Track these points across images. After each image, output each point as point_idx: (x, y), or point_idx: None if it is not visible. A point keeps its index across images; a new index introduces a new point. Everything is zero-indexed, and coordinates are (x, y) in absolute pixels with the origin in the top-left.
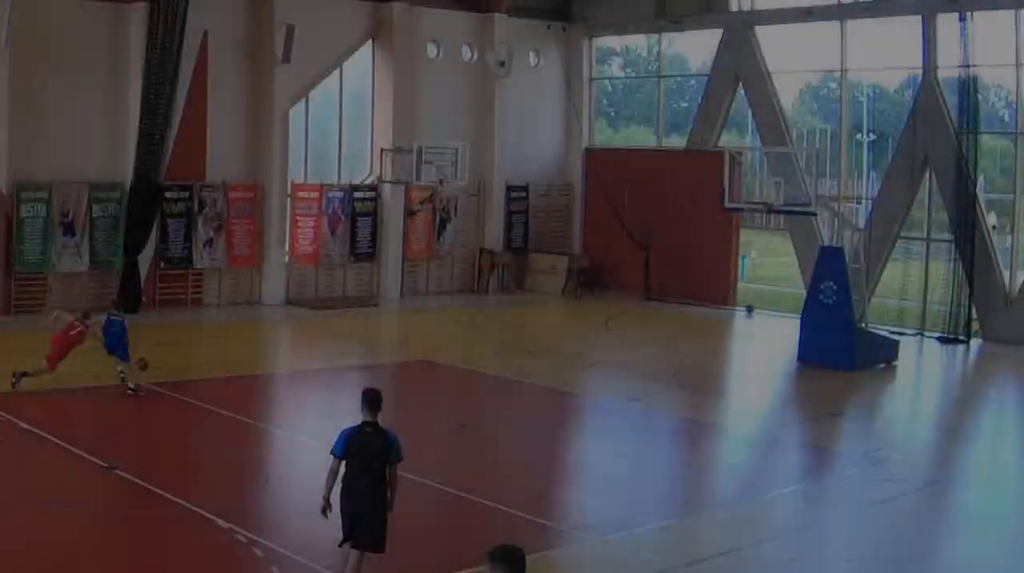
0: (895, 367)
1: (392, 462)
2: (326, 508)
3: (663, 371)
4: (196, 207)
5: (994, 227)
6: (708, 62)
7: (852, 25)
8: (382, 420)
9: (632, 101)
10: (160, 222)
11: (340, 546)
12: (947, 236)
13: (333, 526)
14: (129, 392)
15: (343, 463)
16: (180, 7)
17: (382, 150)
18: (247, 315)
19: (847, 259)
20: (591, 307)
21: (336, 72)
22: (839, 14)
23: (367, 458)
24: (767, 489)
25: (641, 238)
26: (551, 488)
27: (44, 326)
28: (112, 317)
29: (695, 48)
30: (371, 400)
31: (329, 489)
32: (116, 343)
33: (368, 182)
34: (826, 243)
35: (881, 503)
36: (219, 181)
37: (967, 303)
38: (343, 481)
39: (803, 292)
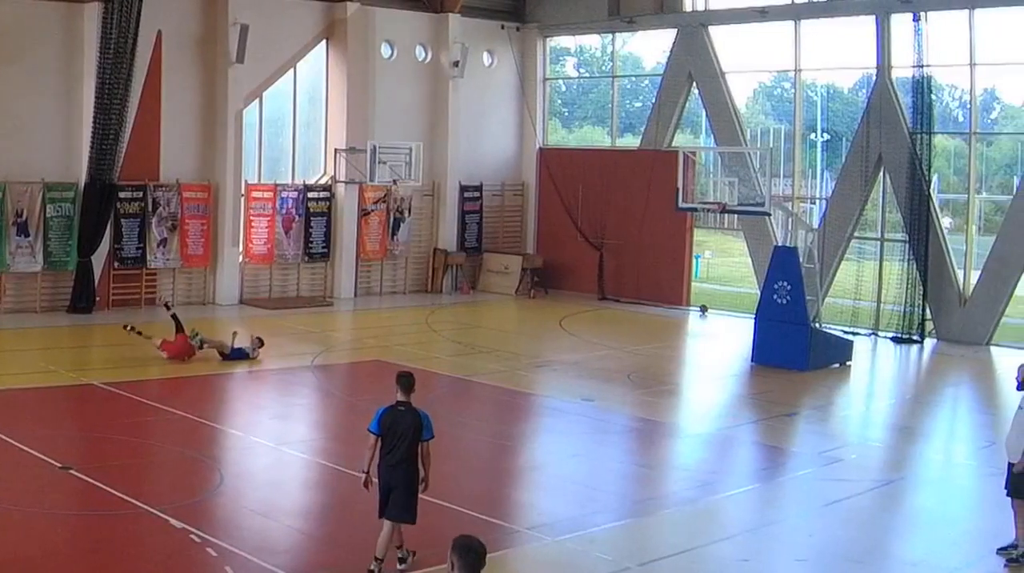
0: (849, 367)
1: (423, 440)
2: (367, 481)
3: (617, 371)
4: (150, 207)
5: (948, 229)
6: (662, 62)
7: (806, 25)
8: (334, 417)
9: (586, 101)
10: (114, 222)
11: (380, 517)
12: (901, 236)
13: (285, 526)
14: None
15: (380, 439)
16: (134, 7)
17: (336, 150)
18: (201, 315)
19: (801, 259)
20: (545, 307)
21: (290, 72)
22: (793, 14)
23: (398, 435)
24: (721, 489)
25: (595, 238)
26: (505, 488)
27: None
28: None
29: (649, 48)
30: (404, 382)
31: (368, 463)
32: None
33: (322, 182)
34: (780, 243)
35: (835, 503)
36: (173, 181)
37: (921, 303)
38: (380, 457)
39: (757, 292)
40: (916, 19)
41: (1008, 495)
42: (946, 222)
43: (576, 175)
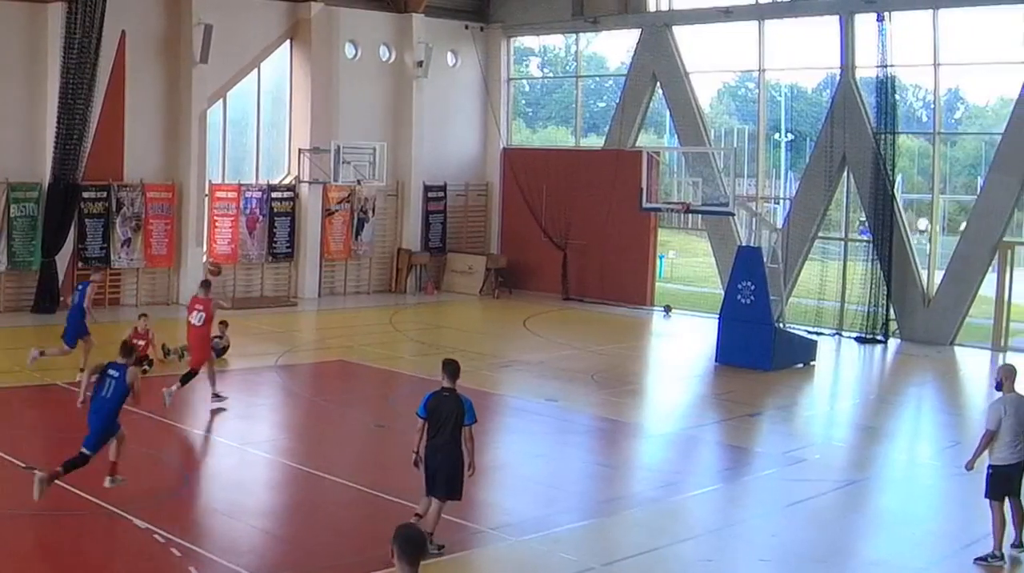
0: (813, 367)
1: (466, 425)
2: (417, 461)
3: (581, 371)
4: (114, 207)
5: (923, 231)
6: (626, 62)
7: (770, 25)
8: (299, 417)
9: (550, 101)
10: (78, 222)
11: (427, 495)
12: (865, 236)
13: (249, 526)
14: None
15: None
16: (98, 7)
17: (300, 150)
18: (164, 315)
19: (765, 259)
20: (509, 307)
21: (254, 72)
22: (756, 14)
23: (442, 419)
24: (685, 489)
25: (559, 238)
26: (469, 488)
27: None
28: None
29: (613, 48)
30: (450, 368)
31: (417, 445)
32: None
33: (286, 182)
34: (744, 243)
35: (798, 503)
36: (137, 181)
37: (885, 303)
38: (427, 439)
39: (721, 292)
40: (880, 19)
41: (987, 497)
42: (922, 223)
43: (540, 175)
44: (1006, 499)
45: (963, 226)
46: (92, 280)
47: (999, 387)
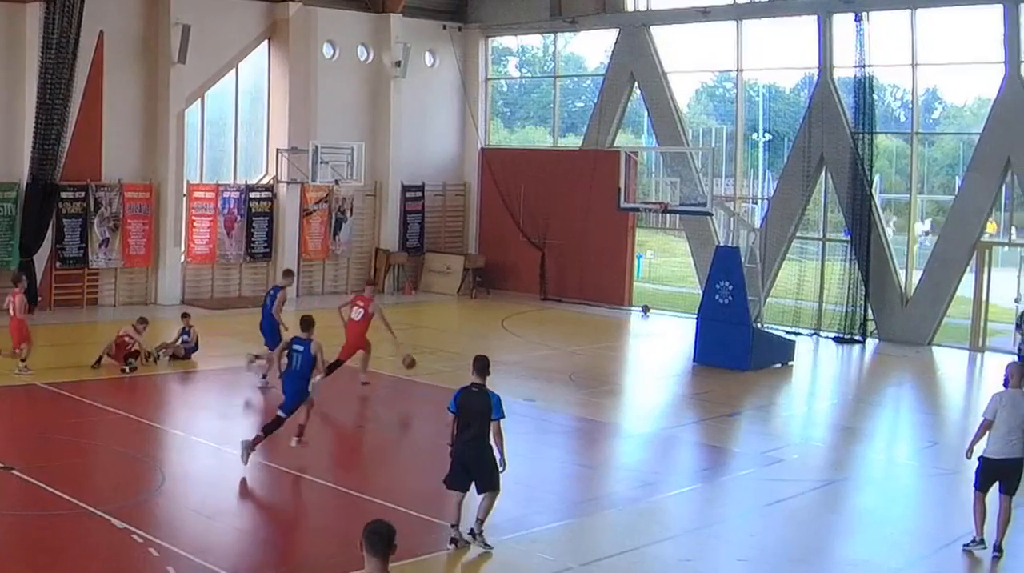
0: (791, 367)
1: (493, 419)
2: (452, 454)
3: (559, 371)
4: (92, 207)
5: (927, 233)
6: (604, 62)
7: (748, 25)
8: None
9: (528, 101)
10: (56, 222)
11: (448, 489)
12: (843, 236)
13: (227, 526)
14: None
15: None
16: (76, 7)
17: (278, 150)
18: (143, 314)
19: (743, 259)
20: (487, 307)
21: (232, 72)
22: (735, 14)
23: (471, 414)
24: (663, 489)
25: (537, 238)
26: (444, 488)
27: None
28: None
29: (591, 48)
30: (479, 365)
31: (452, 438)
32: None
33: (264, 182)
34: (722, 243)
35: (777, 503)
36: (115, 181)
37: (863, 303)
38: (458, 433)
39: (699, 292)
40: (858, 19)
41: (976, 487)
42: (926, 225)
43: (518, 175)
44: (996, 493)
45: (941, 226)
46: (282, 286)
47: (1006, 383)
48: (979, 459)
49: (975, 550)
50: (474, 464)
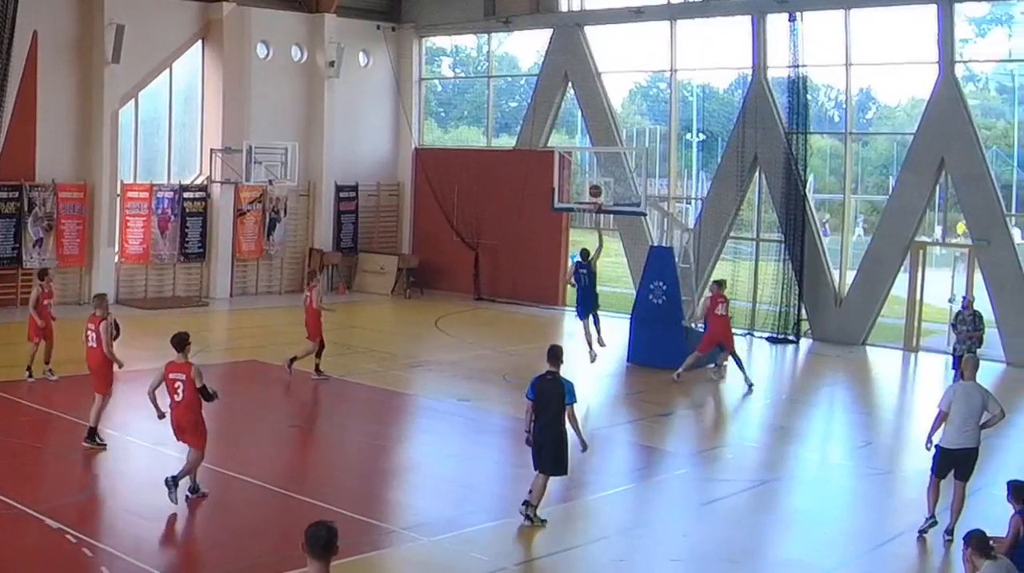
0: (724, 367)
1: (567, 404)
2: (528, 439)
3: (493, 371)
4: (26, 207)
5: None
6: (538, 62)
7: (681, 25)
8: (210, 417)
9: (462, 101)
10: None
11: (535, 470)
12: (777, 236)
13: (161, 526)
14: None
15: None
16: (9, 6)
17: (212, 150)
18: (76, 315)
19: (677, 259)
20: (421, 307)
21: (166, 72)
22: (668, 14)
23: (545, 400)
24: (597, 489)
25: (471, 238)
26: (381, 488)
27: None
28: None
29: (525, 48)
30: (553, 353)
31: (528, 425)
32: None
33: (198, 182)
34: (656, 243)
35: (710, 503)
36: (49, 181)
37: (796, 303)
38: (535, 418)
39: (633, 292)
40: (792, 19)
41: (932, 473)
42: (859, 229)
43: (452, 175)
44: (951, 480)
45: (874, 226)
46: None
47: (960, 376)
48: (936, 448)
49: (928, 533)
50: (548, 445)
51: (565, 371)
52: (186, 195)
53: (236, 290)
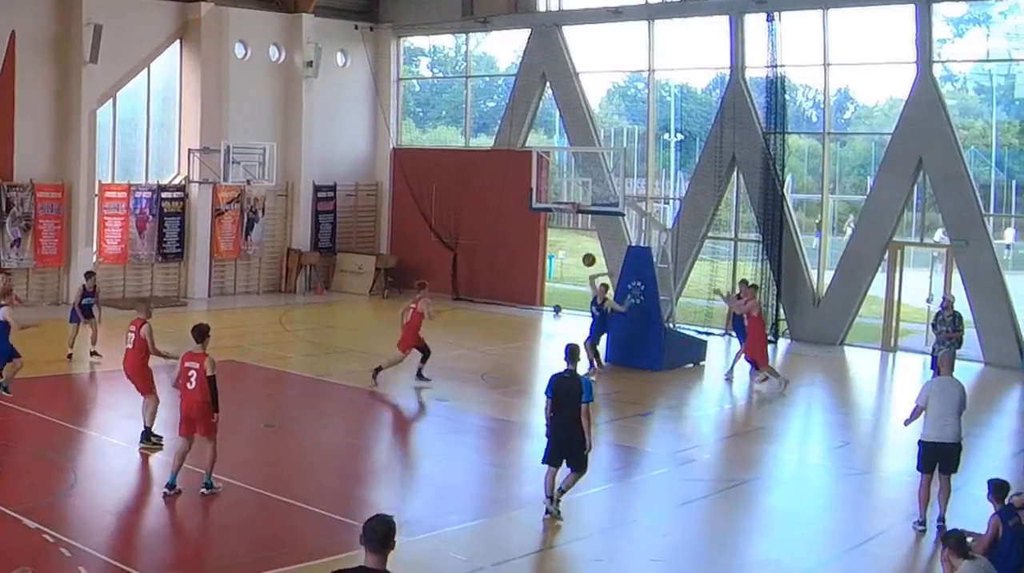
0: (703, 367)
1: (583, 402)
2: (548, 433)
3: (471, 371)
4: (3, 207)
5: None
6: (516, 62)
7: (660, 25)
8: None
9: (440, 101)
10: None
11: (543, 463)
12: (755, 236)
13: (139, 526)
14: None
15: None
16: None
17: (190, 150)
18: (54, 315)
19: (655, 259)
20: (399, 307)
21: (144, 72)
22: (646, 14)
23: (564, 398)
24: (576, 489)
25: (449, 238)
26: (359, 488)
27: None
28: None
29: (503, 48)
30: (571, 352)
31: (548, 420)
32: None
33: (176, 182)
34: (634, 243)
35: (689, 503)
36: (27, 181)
37: (775, 303)
38: (552, 415)
39: (611, 292)
40: (770, 19)
41: (918, 469)
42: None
43: (430, 175)
44: (936, 475)
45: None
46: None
47: (937, 372)
48: (918, 443)
49: (917, 529)
50: (567, 442)
51: (546, 371)
52: (164, 195)
53: (214, 290)
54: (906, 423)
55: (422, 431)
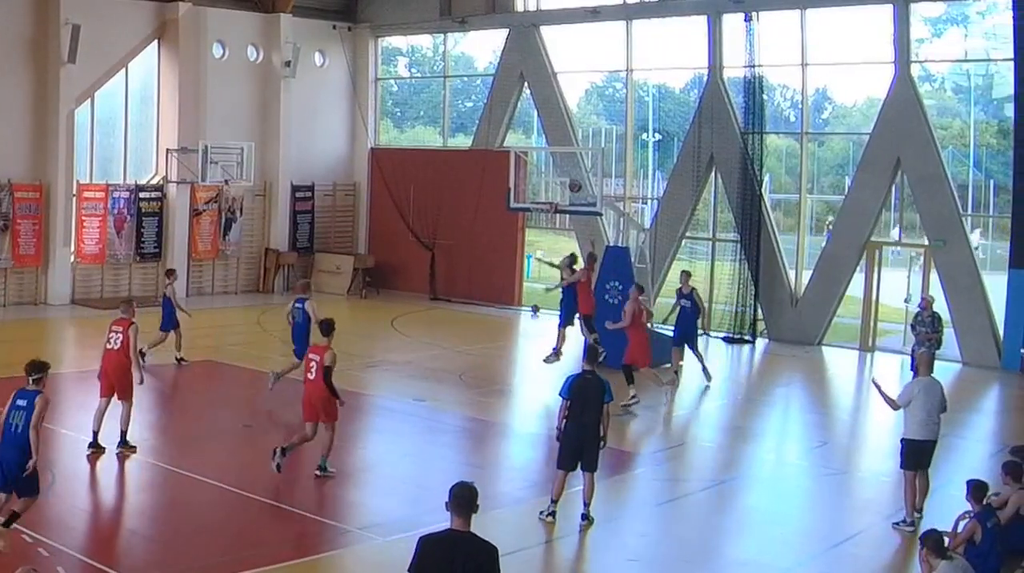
0: (681, 367)
1: (605, 402)
2: (559, 436)
3: (449, 371)
4: None
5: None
6: (494, 62)
7: (638, 25)
8: (166, 417)
9: (418, 101)
10: None
11: (558, 469)
12: (733, 236)
13: (117, 526)
14: None
15: (568, 403)
16: None
17: (168, 150)
18: (32, 315)
19: (633, 259)
20: (377, 307)
21: (122, 72)
22: (624, 14)
23: (585, 399)
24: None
25: (427, 238)
26: (337, 488)
27: None
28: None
29: (481, 48)
30: (591, 354)
31: (560, 422)
32: None
33: (154, 182)
34: (612, 243)
35: (667, 503)
36: (4, 180)
37: (753, 303)
38: (569, 417)
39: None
40: (747, 19)
41: (903, 467)
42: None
43: (408, 175)
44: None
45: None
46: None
47: (916, 372)
48: (901, 442)
49: (904, 529)
50: (587, 444)
51: (524, 371)
52: (142, 195)
53: (192, 290)
54: (895, 408)
55: (399, 431)
